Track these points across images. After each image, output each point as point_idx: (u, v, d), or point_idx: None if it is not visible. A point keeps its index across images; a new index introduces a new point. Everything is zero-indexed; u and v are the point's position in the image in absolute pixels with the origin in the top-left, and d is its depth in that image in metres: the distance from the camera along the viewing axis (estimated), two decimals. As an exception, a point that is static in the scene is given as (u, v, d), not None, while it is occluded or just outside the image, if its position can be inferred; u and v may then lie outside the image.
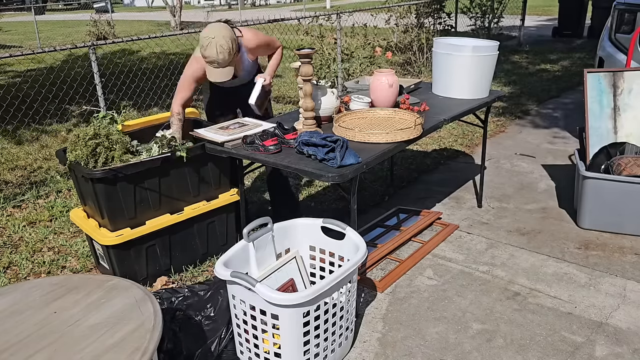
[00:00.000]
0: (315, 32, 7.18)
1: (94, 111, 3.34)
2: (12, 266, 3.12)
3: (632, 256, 3.00)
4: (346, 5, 22.66)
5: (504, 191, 3.93)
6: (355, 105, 2.94)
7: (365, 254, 2.15)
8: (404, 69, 8.42)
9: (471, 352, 2.29)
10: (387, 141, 2.44)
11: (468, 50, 3.08)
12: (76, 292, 1.80)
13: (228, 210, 3.04)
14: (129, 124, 3.02)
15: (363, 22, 7.87)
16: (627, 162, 3.19)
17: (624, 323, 2.45)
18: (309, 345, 2.05)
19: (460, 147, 4.91)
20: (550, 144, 4.94)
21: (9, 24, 21.73)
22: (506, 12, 10.02)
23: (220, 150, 2.55)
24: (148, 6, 33.09)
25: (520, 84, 7.29)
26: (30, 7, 22.88)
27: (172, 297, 2.42)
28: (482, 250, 3.12)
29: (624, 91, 3.51)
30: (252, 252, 2.25)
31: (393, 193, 3.96)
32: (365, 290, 2.74)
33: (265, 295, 1.90)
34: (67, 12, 29.74)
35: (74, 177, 2.79)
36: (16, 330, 1.61)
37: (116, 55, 10.88)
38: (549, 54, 9.47)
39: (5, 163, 4.84)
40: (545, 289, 2.72)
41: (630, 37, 4.64)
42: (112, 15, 18.18)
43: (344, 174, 2.15)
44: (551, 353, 2.28)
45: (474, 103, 3.10)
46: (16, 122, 5.79)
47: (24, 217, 3.74)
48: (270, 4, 32.37)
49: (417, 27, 8.33)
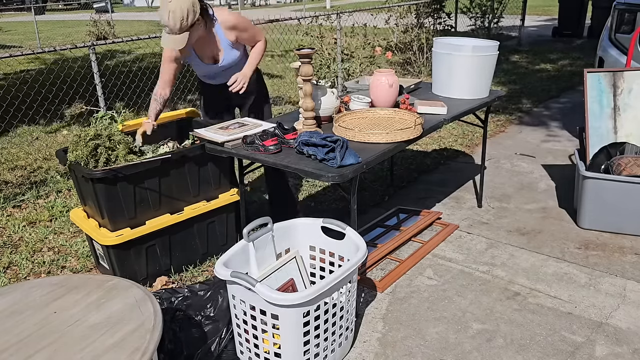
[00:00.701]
0: (315, 32, 7.18)
1: (94, 111, 3.34)
2: (12, 266, 3.12)
3: (632, 256, 3.00)
4: (346, 5, 22.66)
5: (504, 191, 3.93)
6: (355, 105, 2.94)
7: (365, 254, 2.15)
8: (404, 69, 8.42)
9: (471, 352, 2.29)
10: (387, 141, 2.44)
11: (468, 50, 3.08)
12: (76, 292, 1.80)
13: (228, 210, 3.05)
14: (129, 124, 3.02)
15: (363, 22, 7.87)
16: (627, 162, 3.19)
17: (624, 323, 2.45)
18: (309, 345, 2.05)
19: (460, 147, 4.91)
20: (550, 143, 4.94)
21: (9, 24, 21.73)
22: (506, 12, 10.02)
23: (220, 150, 2.55)
24: (148, 6, 33.08)
25: (520, 83, 7.29)
26: (30, 7, 22.88)
27: (172, 297, 2.42)
28: (482, 250, 3.12)
29: (624, 91, 3.51)
30: (252, 252, 2.25)
31: (393, 193, 3.96)
32: (365, 290, 2.74)
33: (265, 295, 1.90)
34: (67, 12, 29.74)
35: (74, 177, 2.79)
36: (16, 330, 1.61)
37: (116, 55, 10.88)
38: (548, 54, 9.47)
39: (5, 163, 4.84)
40: (545, 289, 2.72)
41: (630, 37, 4.64)
42: (112, 15, 18.18)
43: (344, 174, 2.15)
44: (551, 353, 2.28)
45: (474, 103, 3.10)
46: (16, 122, 5.78)
47: (24, 217, 3.74)
48: (270, 4, 32.38)
49: (417, 27, 8.33)
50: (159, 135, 3.16)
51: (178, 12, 2.50)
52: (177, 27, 2.53)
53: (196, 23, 2.60)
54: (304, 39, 7.37)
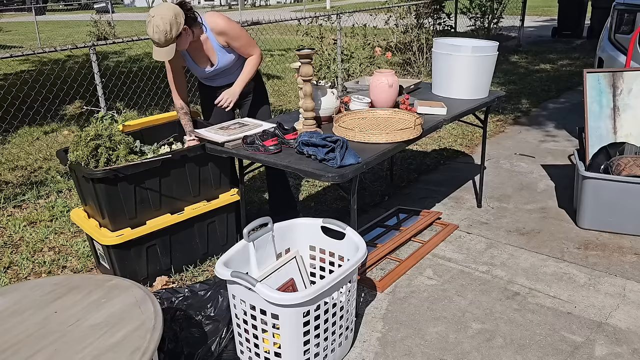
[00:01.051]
0: (315, 33, 7.19)
1: (94, 111, 3.35)
2: (12, 266, 3.13)
3: (632, 256, 3.00)
4: (346, 6, 22.67)
5: (504, 191, 3.93)
6: (355, 105, 2.95)
7: (365, 253, 2.15)
8: (404, 69, 8.42)
9: (471, 352, 2.30)
10: (387, 141, 2.45)
11: (468, 50, 3.08)
12: (77, 291, 1.80)
13: (228, 210, 3.05)
14: (129, 124, 3.03)
15: (363, 22, 7.87)
16: (627, 162, 3.19)
17: (624, 323, 2.46)
18: (309, 345, 2.05)
19: (460, 147, 4.92)
20: (549, 143, 4.95)
21: (9, 24, 21.74)
22: (506, 12, 10.02)
23: (220, 150, 2.55)
24: (148, 6, 33.08)
25: (519, 84, 7.30)
26: (30, 8, 22.88)
27: (172, 297, 2.42)
28: (481, 250, 3.12)
29: (624, 91, 3.51)
30: (252, 252, 2.26)
31: (393, 193, 3.96)
32: (365, 290, 2.75)
33: (265, 295, 1.91)
34: (68, 13, 29.75)
35: (75, 177, 2.79)
36: (16, 330, 1.62)
37: (116, 55, 10.88)
38: (548, 54, 9.48)
39: (6, 163, 4.85)
40: (545, 289, 2.73)
41: (629, 38, 4.64)
42: (113, 16, 18.19)
43: (344, 174, 2.16)
44: (551, 353, 2.28)
45: (473, 103, 3.11)
46: (16, 122, 5.79)
47: (24, 217, 3.74)
48: (271, 4, 32.38)
49: (417, 28, 8.34)
50: (159, 136, 3.17)
51: (162, 26, 2.58)
52: (163, 40, 2.61)
53: (182, 33, 2.67)
54: (304, 39, 7.37)
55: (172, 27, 2.60)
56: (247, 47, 2.92)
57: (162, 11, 2.60)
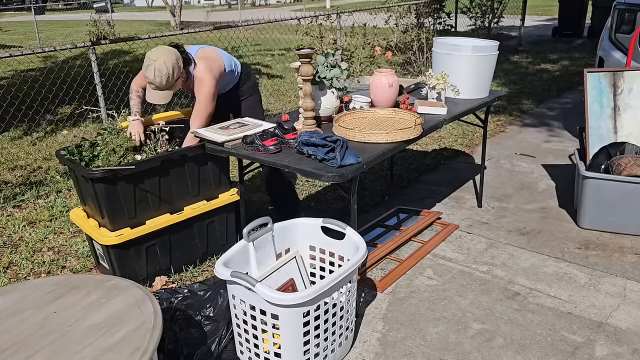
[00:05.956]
0: (315, 32, 7.18)
1: (94, 111, 3.34)
2: (12, 266, 3.12)
3: (632, 256, 3.00)
4: (346, 5, 22.66)
5: (504, 191, 3.93)
6: (355, 105, 2.94)
7: (365, 253, 2.15)
8: (404, 69, 8.42)
9: (471, 352, 2.29)
10: (387, 141, 2.44)
11: (468, 50, 3.08)
12: (76, 292, 1.80)
13: (228, 210, 3.04)
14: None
15: (363, 22, 7.87)
16: (627, 162, 3.19)
17: (624, 323, 2.45)
18: (309, 345, 2.05)
19: (460, 147, 4.91)
20: (550, 143, 4.94)
21: (9, 24, 21.73)
22: (506, 12, 10.01)
23: (220, 150, 2.55)
24: (148, 6, 33.10)
25: (520, 83, 7.29)
26: (30, 7, 22.87)
27: (172, 297, 2.42)
28: (482, 250, 3.12)
29: (624, 91, 3.51)
30: (252, 252, 2.25)
31: (393, 193, 3.96)
32: (365, 290, 2.74)
33: (265, 295, 1.90)
34: (67, 12, 29.74)
35: (74, 177, 2.79)
36: (16, 330, 1.61)
37: (115, 55, 10.88)
38: (549, 54, 9.47)
39: (5, 163, 4.84)
40: (545, 289, 2.72)
41: (630, 37, 4.64)
42: (112, 15, 18.18)
43: (344, 174, 2.15)
44: (551, 353, 2.28)
45: (474, 103, 3.10)
46: (16, 122, 5.78)
47: (24, 217, 3.74)
48: (270, 4, 32.38)
49: (417, 27, 8.33)
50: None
51: (164, 70, 2.59)
52: (164, 84, 2.62)
53: (180, 76, 2.69)
54: (303, 38, 7.37)
55: (174, 70, 2.62)
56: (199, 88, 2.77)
57: (163, 55, 2.60)
